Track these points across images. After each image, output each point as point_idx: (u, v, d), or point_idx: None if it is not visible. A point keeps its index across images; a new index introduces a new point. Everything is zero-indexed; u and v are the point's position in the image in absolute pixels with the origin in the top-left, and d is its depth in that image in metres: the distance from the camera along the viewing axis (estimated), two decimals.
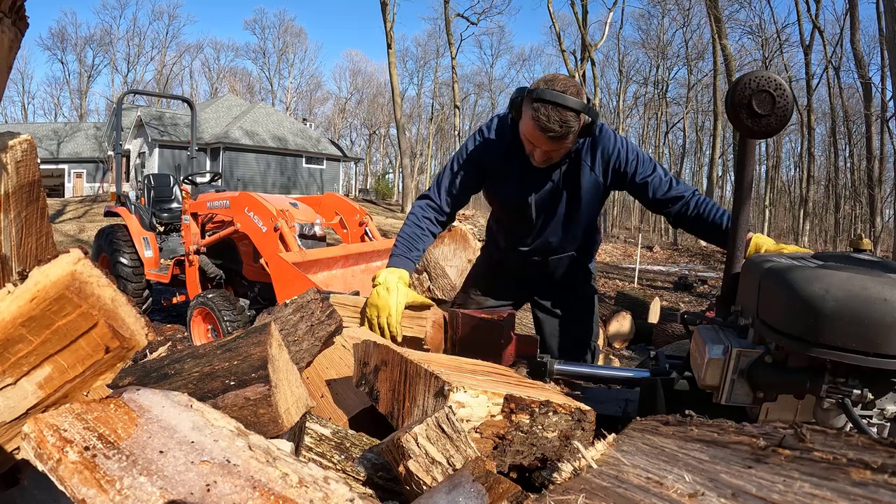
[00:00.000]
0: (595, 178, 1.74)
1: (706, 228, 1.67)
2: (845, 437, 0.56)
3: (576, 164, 1.73)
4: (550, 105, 1.48)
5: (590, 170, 1.73)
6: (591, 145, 1.71)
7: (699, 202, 1.68)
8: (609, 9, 24.02)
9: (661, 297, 7.42)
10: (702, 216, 1.66)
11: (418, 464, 0.78)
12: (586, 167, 1.73)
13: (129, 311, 1.14)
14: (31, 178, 1.31)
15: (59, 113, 48.11)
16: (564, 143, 1.57)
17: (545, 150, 1.61)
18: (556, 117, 1.48)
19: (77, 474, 0.62)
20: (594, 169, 1.73)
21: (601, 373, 1.50)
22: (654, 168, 1.72)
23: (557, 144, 1.57)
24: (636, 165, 1.71)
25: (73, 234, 13.37)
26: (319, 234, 4.15)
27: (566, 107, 1.47)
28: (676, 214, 1.71)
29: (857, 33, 17.63)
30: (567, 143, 1.58)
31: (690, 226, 1.72)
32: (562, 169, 1.74)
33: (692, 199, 1.68)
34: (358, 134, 55.71)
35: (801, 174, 28.18)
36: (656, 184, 1.70)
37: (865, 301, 0.85)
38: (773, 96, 1.07)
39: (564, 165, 1.73)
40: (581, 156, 1.72)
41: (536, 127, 1.52)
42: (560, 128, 1.49)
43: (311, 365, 1.57)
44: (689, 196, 1.69)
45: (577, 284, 2.03)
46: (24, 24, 1.18)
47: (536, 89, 1.51)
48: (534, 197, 1.78)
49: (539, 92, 1.50)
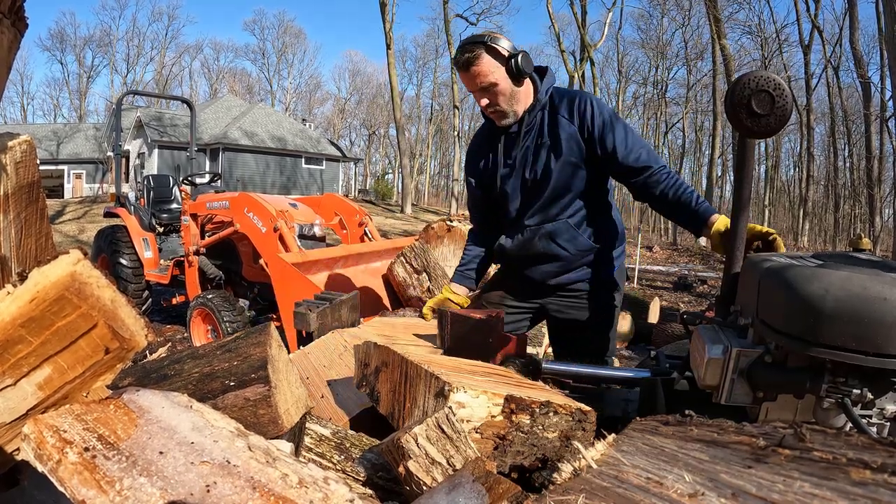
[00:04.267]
0: (573, 129, 1.76)
1: (670, 205, 1.65)
2: (845, 436, 0.56)
3: (552, 119, 1.79)
4: (459, 46, 1.76)
5: (567, 121, 1.77)
6: (568, 100, 1.78)
7: (667, 177, 1.67)
8: (608, 9, 24.07)
9: (661, 297, 7.43)
10: (666, 191, 1.65)
11: (418, 464, 0.78)
12: (563, 119, 1.77)
13: (128, 312, 1.14)
14: (31, 179, 1.31)
15: (59, 114, 48.19)
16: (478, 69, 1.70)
17: (477, 91, 1.75)
18: (459, 49, 1.73)
19: (77, 475, 0.62)
20: (572, 121, 1.77)
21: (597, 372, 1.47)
22: (626, 132, 1.72)
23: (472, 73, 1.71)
24: (606, 123, 1.72)
25: (72, 234, 13.37)
26: (319, 234, 4.15)
27: (468, 41, 1.72)
28: (641, 186, 1.70)
29: (857, 33, 17.65)
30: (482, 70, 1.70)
31: (654, 201, 1.71)
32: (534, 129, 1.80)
33: (660, 173, 1.67)
34: (357, 134, 55.76)
35: (800, 174, 28.22)
36: (624, 148, 1.70)
37: (865, 300, 0.85)
38: (772, 96, 1.07)
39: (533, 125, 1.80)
40: (557, 109, 1.78)
41: (454, 66, 1.78)
42: (463, 55, 1.71)
43: (312, 365, 1.57)
44: (658, 169, 1.68)
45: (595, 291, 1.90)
46: (23, 24, 1.18)
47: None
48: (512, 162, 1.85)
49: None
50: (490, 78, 1.71)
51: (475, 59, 1.69)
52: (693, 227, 1.61)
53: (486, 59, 1.69)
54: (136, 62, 46.57)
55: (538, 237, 1.85)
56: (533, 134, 1.81)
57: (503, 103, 1.75)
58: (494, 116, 1.80)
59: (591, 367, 1.50)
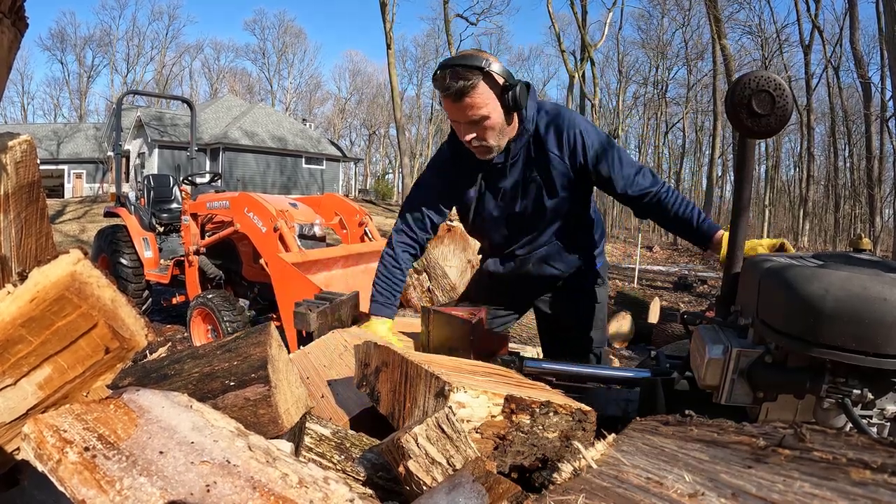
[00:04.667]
0: (565, 167, 1.67)
1: (672, 224, 1.64)
2: (845, 437, 0.56)
3: (541, 152, 1.67)
4: (448, 68, 1.50)
5: (558, 159, 1.67)
6: (554, 130, 1.65)
7: (667, 196, 1.63)
8: (608, 9, 24.06)
9: (661, 297, 7.43)
10: (668, 210, 1.63)
11: (418, 464, 0.78)
12: (555, 157, 1.67)
13: (128, 312, 1.14)
14: (31, 179, 1.31)
15: (59, 113, 48.16)
16: (472, 102, 1.51)
17: (464, 123, 1.57)
18: (451, 74, 1.49)
19: (77, 475, 0.62)
20: (563, 158, 1.67)
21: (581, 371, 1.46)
22: (620, 160, 1.65)
23: (464, 105, 1.52)
24: (598, 154, 1.64)
25: (73, 234, 13.37)
26: (319, 234, 4.15)
27: (461, 64, 1.49)
28: (642, 208, 1.68)
29: (857, 33, 17.63)
30: (476, 102, 1.51)
31: (656, 220, 1.69)
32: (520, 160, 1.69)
33: (660, 193, 1.64)
34: (358, 134, 55.74)
35: (800, 174, 28.20)
36: (620, 178, 1.64)
37: (865, 301, 0.85)
38: (772, 96, 1.07)
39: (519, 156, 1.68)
40: (544, 142, 1.66)
41: (440, 92, 1.53)
42: (457, 82, 1.48)
43: (312, 365, 1.57)
44: (657, 190, 1.65)
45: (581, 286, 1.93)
46: (23, 24, 1.18)
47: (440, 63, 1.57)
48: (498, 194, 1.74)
49: (440, 63, 1.55)
50: (483, 111, 1.53)
51: (471, 88, 1.49)
52: (697, 243, 1.61)
53: (482, 89, 1.50)
54: (136, 62, 46.59)
55: (531, 263, 1.85)
56: (519, 166, 1.69)
57: (491, 139, 1.59)
58: (478, 151, 1.64)
59: (576, 366, 1.50)
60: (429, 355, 1.28)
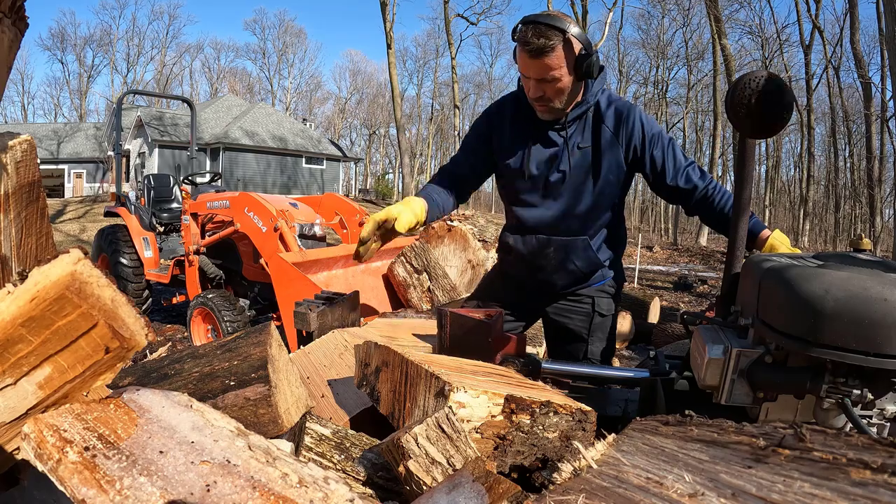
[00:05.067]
0: (616, 147, 1.66)
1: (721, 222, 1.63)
2: (845, 437, 0.56)
3: (596, 126, 1.67)
4: (531, 23, 1.52)
5: (612, 136, 1.66)
6: (615, 110, 1.66)
7: (715, 193, 1.63)
8: (609, 9, 24.03)
9: (661, 297, 7.42)
10: (716, 208, 1.62)
11: (418, 464, 0.78)
12: (608, 132, 1.65)
13: (128, 312, 1.14)
14: (31, 179, 1.31)
15: (59, 113, 48.24)
16: (549, 62, 1.53)
17: (534, 79, 1.57)
18: (534, 31, 1.51)
19: (77, 474, 0.62)
20: (618, 137, 1.66)
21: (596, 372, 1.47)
22: (674, 151, 1.66)
23: (540, 64, 1.53)
24: (655, 143, 1.65)
25: (73, 234, 13.38)
26: (319, 234, 4.15)
27: (545, 23, 1.51)
28: (693, 205, 1.67)
29: (857, 33, 17.63)
30: (552, 63, 1.53)
31: (706, 217, 1.68)
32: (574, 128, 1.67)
33: (708, 188, 1.64)
34: (358, 134, 55.79)
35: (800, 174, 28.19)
36: (672, 168, 1.65)
37: (865, 301, 0.85)
38: (772, 96, 1.07)
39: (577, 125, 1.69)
40: (602, 118, 1.66)
41: (519, 45, 1.55)
42: (538, 40, 1.50)
43: (312, 364, 1.57)
44: (705, 186, 1.64)
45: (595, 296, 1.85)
46: (23, 24, 1.18)
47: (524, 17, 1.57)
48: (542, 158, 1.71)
49: (524, 17, 1.55)
50: (556, 73, 1.54)
51: (550, 49, 1.50)
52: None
53: (560, 51, 1.52)
54: (136, 62, 46.63)
55: (553, 248, 1.78)
56: (574, 138, 1.68)
57: (557, 100, 1.60)
58: (540, 107, 1.64)
59: (591, 367, 1.50)
60: (429, 355, 1.28)
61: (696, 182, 1.65)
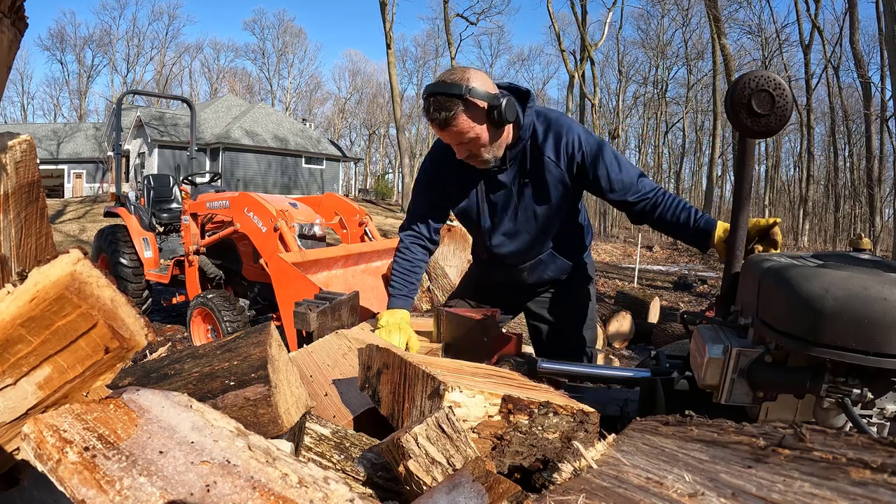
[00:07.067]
0: (560, 172, 1.67)
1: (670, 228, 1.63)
2: (845, 436, 0.56)
3: (537, 158, 1.67)
4: (430, 96, 1.52)
5: (554, 164, 1.67)
6: (553, 137, 1.65)
7: (663, 200, 1.63)
8: (608, 9, 24.07)
9: (661, 296, 7.43)
10: (664, 215, 1.62)
11: (418, 464, 0.78)
12: (550, 162, 1.67)
13: (128, 312, 1.14)
14: (31, 179, 1.31)
15: (59, 113, 48.23)
16: (457, 129, 1.52)
17: (454, 144, 1.59)
18: (434, 104, 1.50)
19: (77, 475, 0.62)
20: (559, 163, 1.67)
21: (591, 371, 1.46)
22: (618, 162, 1.65)
23: (451, 133, 1.54)
24: (596, 157, 1.64)
25: (73, 234, 13.38)
26: (319, 234, 4.15)
27: (441, 92, 1.49)
28: (638, 213, 1.68)
29: (857, 33, 17.64)
30: (462, 128, 1.52)
31: (653, 225, 1.69)
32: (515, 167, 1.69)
33: (655, 197, 1.64)
34: (358, 134, 55.79)
35: (800, 174, 28.19)
36: (617, 179, 1.64)
37: (865, 300, 0.85)
38: (772, 96, 1.07)
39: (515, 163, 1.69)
40: (542, 149, 1.66)
41: (426, 119, 1.55)
42: (440, 114, 1.50)
43: (315, 364, 1.57)
44: (652, 195, 1.64)
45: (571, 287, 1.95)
46: (23, 24, 1.18)
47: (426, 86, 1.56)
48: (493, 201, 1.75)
49: (425, 88, 1.55)
50: (470, 134, 1.55)
51: (453, 118, 1.51)
52: (697, 244, 1.59)
53: (465, 115, 1.51)
54: (136, 62, 46.58)
55: (526, 271, 1.88)
56: (514, 171, 1.70)
57: (484, 153, 1.61)
58: (475, 164, 1.66)
59: (590, 367, 1.50)
60: (429, 357, 1.28)
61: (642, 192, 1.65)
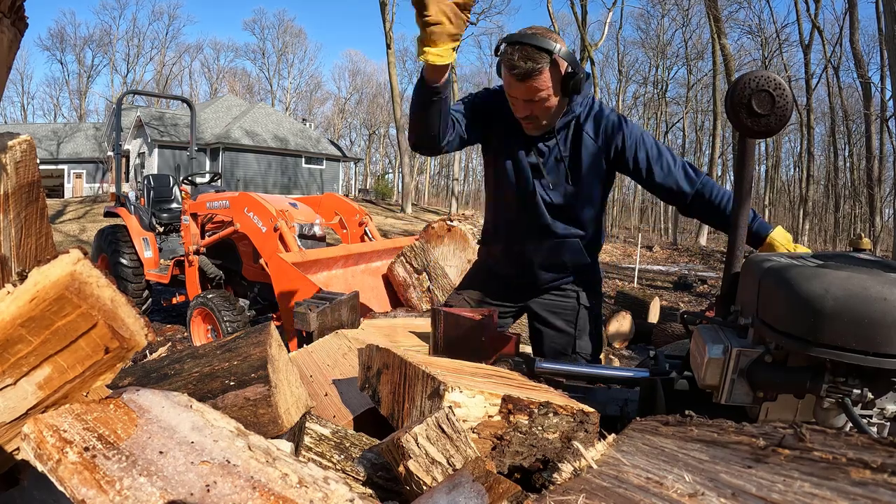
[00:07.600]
0: (597, 150, 1.67)
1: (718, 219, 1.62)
2: (845, 436, 0.56)
3: (577, 134, 1.67)
4: (517, 44, 1.48)
5: (592, 141, 1.66)
6: (594, 118, 1.66)
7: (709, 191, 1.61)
8: (608, 9, 24.05)
9: (661, 296, 7.43)
10: (713, 206, 1.61)
11: (418, 464, 0.78)
12: (588, 138, 1.66)
13: (128, 312, 1.14)
14: (31, 179, 1.30)
15: (59, 113, 48.20)
16: (536, 85, 1.50)
17: (522, 100, 1.56)
18: (521, 54, 1.47)
19: (77, 475, 0.62)
20: (597, 140, 1.66)
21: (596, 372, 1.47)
22: (660, 153, 1.65)
23: (527, 86, 1.51)
24: (637, 141, 1.64)
25: (73, 234, 13.38)
26: (319, 234, 4.15)
27: (531, 45, 1.47)
28: (687, 205, 1.66)
29: (857, 33, 17.63)
30: (540, 85, 1.51)
31: (700, 216, 1.68)
32: (559, 138, 1.68)
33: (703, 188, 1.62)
34: (358, 134, 55.80)
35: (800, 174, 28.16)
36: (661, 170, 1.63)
37: (865, 300, 0.85)
38: (772, 96, 1.07)
39: (562, 135, 1.67)
40: (582, 126, 1.66)
41: (505, 67, 1.52)
42: (525, 63, 1.47)
43: (315, 364, 1.57)
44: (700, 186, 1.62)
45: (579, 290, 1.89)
46: (23, 24, 1.18)
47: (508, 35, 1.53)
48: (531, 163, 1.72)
49: (509, 36, 1.52)
50: (543, 94, 1.53)
51: (538, 71, 1.48)
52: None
53: (547, 74, 1.49)
54: (136, 62, 46.57)
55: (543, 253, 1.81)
56: (553, 142, 1.70)
57: (544, 118, 1.61)
58: (528, 125, 1.64)
59: (589, 367, 1.50)
60: (429, 357, 1.28)
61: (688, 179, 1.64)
